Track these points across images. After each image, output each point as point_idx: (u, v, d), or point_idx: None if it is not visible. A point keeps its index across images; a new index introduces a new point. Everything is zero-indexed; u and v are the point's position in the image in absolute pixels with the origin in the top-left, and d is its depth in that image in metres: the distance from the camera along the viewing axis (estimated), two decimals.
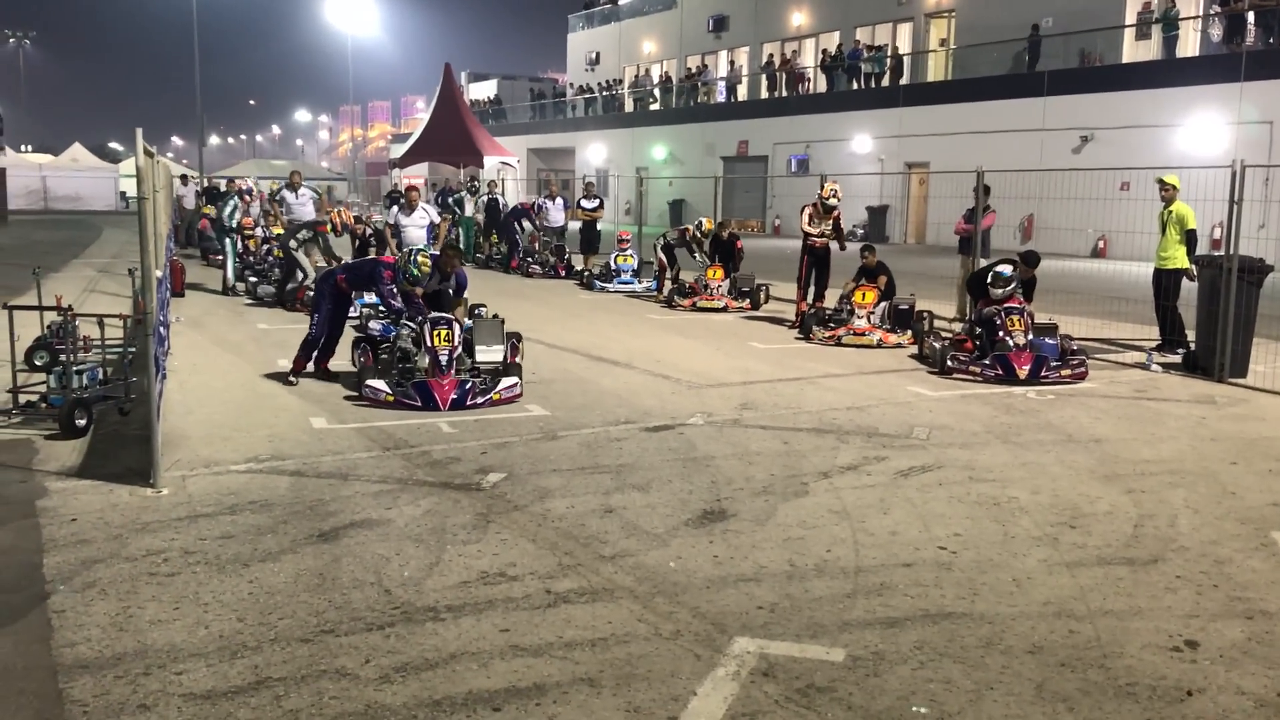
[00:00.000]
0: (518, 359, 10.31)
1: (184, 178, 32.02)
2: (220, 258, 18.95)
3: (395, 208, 16.83)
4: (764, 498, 6.58)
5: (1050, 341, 11.08)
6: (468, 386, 9.12)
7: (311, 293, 11.77)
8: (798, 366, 11.51)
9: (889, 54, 36.86)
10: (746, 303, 16.35)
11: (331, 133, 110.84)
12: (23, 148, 64.58)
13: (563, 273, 21.40)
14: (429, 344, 9.42)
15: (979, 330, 11.30)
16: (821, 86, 39.57)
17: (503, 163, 38.34)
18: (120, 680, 4.06)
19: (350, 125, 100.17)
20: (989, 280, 11.56)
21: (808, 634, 4.57)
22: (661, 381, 10.47)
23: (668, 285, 17.70)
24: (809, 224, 14.50)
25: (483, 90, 63.94)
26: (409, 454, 7.55)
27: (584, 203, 22.50)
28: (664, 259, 17.94)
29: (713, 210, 20.00)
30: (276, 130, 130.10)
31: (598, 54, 55.72)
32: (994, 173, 14.98)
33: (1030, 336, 10.99)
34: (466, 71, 62.90)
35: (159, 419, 6.75)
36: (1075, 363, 10.83)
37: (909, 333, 13.00)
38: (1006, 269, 11.58)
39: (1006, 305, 11.28)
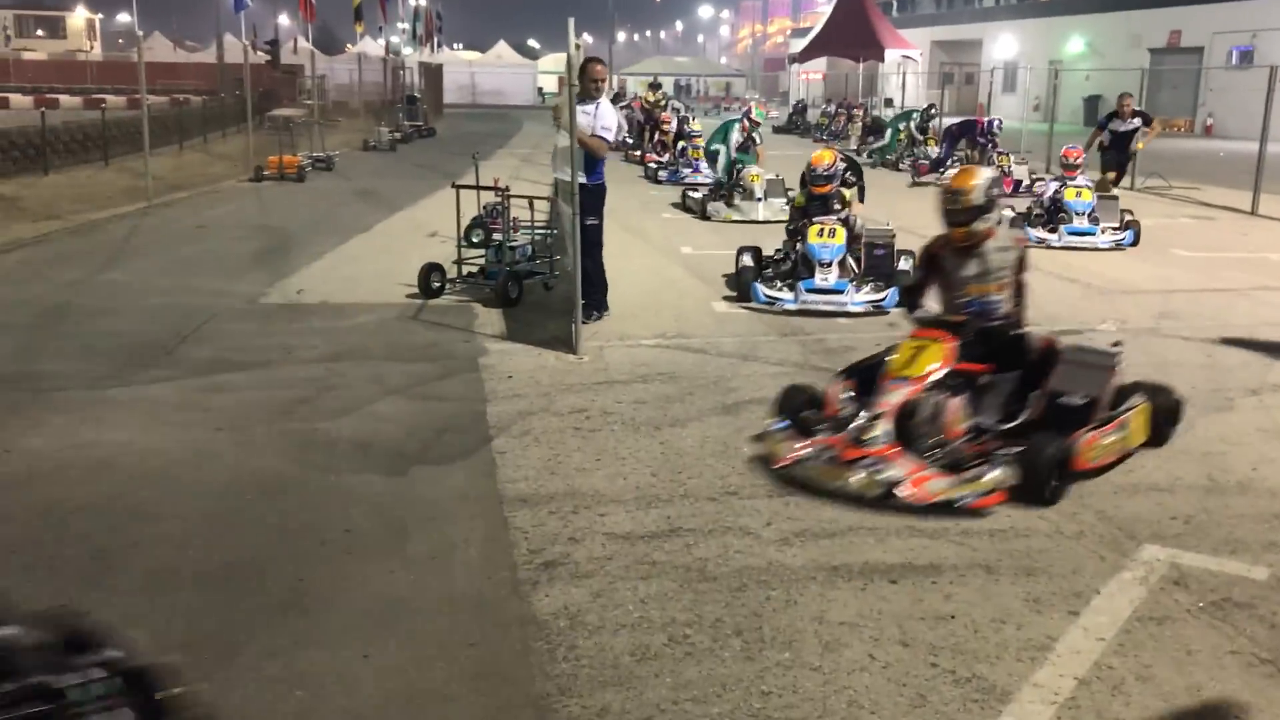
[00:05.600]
0: None
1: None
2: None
3: None
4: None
5: None
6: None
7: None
8: (1226, 277, 10.51)
9: None
10: None
11: (732, 29, 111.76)
12: (455, 46, 70.34)
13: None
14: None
15: None
16: None
17: (904, 56, 37.15)
18: (553, 515, 4.57)
19: (750, 21, 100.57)
20: None
21: (1226, 549, 4.31)
22: (1069, 285, 9.94)
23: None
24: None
25: None
26: (805, 340, 7.73)
27: None
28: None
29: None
30: (679, 26, 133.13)
31: None
32: None
33: None
34: None
35: (580, 294, 7.33)
36: None
37: None
38: None
39: None
